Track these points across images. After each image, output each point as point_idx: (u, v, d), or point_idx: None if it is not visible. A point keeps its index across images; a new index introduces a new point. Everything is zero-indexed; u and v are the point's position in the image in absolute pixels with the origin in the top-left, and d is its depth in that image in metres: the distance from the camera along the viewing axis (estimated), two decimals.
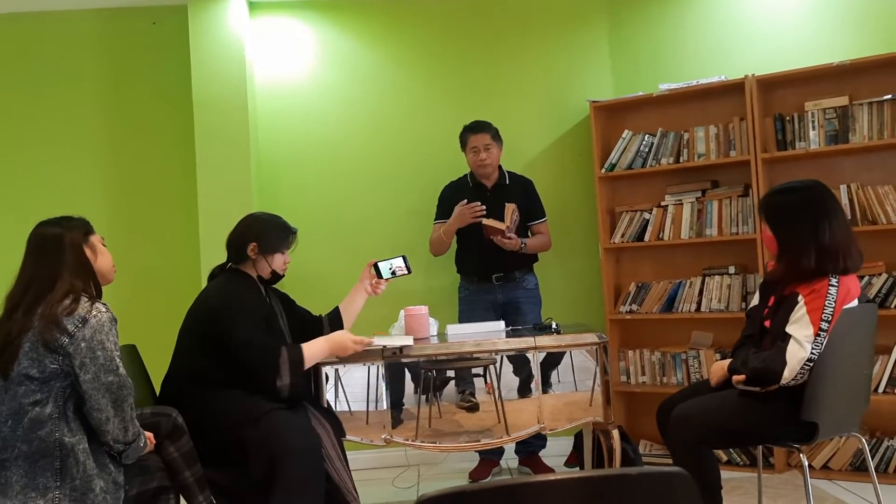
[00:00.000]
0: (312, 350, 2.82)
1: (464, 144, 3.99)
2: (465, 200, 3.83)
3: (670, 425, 2.67)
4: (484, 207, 3.79)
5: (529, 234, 3.98)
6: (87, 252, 2.39)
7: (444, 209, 3.98)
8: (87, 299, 2.27)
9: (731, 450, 3.88)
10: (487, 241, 3.79)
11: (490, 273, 3.94)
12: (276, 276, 3.00)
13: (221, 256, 3.02)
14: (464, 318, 3.94)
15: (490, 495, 1.11)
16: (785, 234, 2.64)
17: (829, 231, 2.56)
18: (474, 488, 1.09)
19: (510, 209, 3.83)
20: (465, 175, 4.06)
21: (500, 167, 4.02)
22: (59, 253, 2.33)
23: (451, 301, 4.12)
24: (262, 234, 2.93)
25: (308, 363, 2.80)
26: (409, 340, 3.01)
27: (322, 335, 2.95)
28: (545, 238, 4.04)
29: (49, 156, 4.42)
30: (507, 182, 3.99)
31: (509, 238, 3.76)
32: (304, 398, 2.90)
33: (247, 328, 2.76)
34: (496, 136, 3.95)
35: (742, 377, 2.61)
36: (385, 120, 4.47)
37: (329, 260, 4.34)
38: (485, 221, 3.76)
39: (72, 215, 2.45)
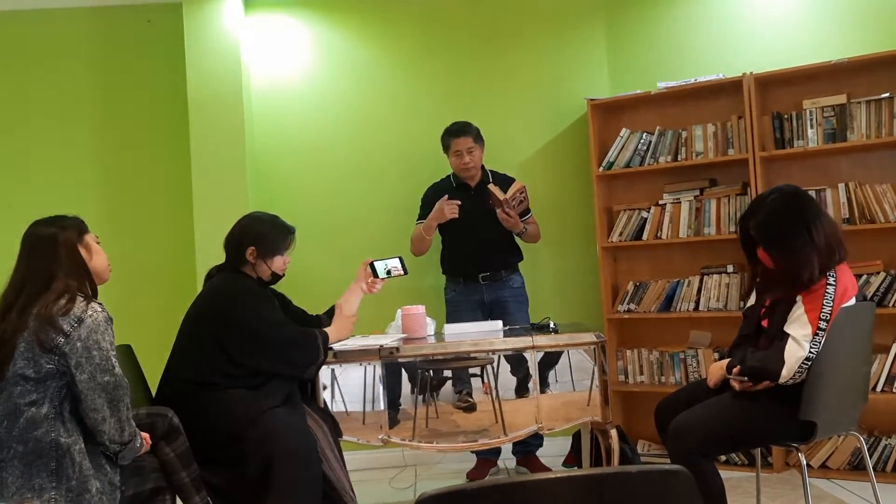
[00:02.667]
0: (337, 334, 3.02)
1: (446, 148, 3.98)
2: (446, 196, 3.84)
3: (669, 439, 2.64)
4: (458, 202, 3.81)
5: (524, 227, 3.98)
6: (82, 251, 2.38)
7: (426, 210, 3.97)
8: (82, 299, 2.26)
9: None
10: (478, 238, 3.85)
11: (476, 273, 3.94)
12: (277, 277, 2.99)
13: (217, 256, 3.00)
14: (451, 318, 3.92)
15: (490, 494, 1.10)
16: (785, 254, 2.59)
17: (822, 230, 2.55)
18: (474, 487, 1.08)
19: (517, 186, 3.80)
20: (449, 176, 4.06)
21: (482, 166, 4.02)
22: (53, 252, 2.32)
23: (440, 300, 4.11)
24: (261, 236, 2.91)
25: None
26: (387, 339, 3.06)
27: None
28: (537, 228, 4.05)
29: (43, 154, 4.41)
30: (491, 181, 3.97)
31: (509, 214, 3.76)
32: (302, 398, 2.90)
33: (274, 312, 2.88)
34: (478, 138, 3.95)
35: (739, 368, 2.60)
36: (380, 118, 4.46)
37: (324, 259, 4.32)
38: (490, 186, 3.78)
39: (66, 214, 2.44)
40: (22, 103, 4.42)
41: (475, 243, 3.89)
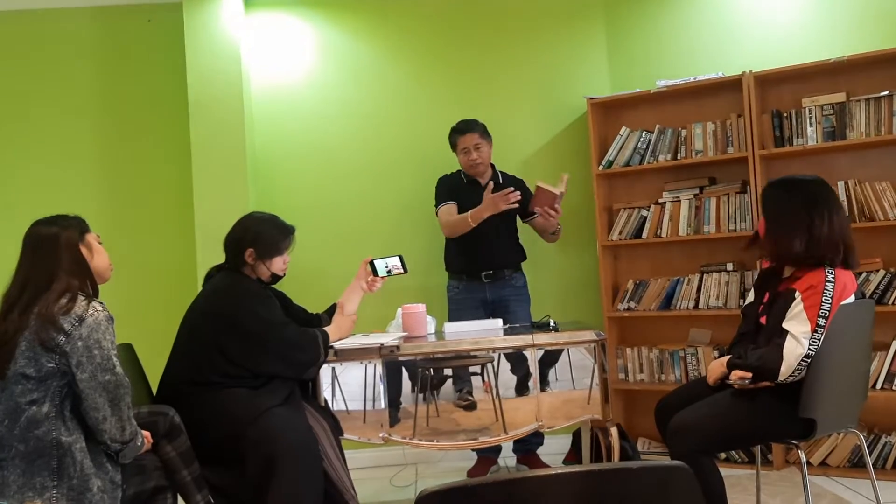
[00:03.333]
0: (337, 333, 3.05)
1: (453, 146, 3.97)
2: (491, 186, 3.67)
3: (669, 437, 2.64)
4: (519, 194, 3.62)
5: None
6: (84, 251, 2.38)
7: (446, 195, 3.92)
8: (83, 298, 2.26)
9: None
10: (483, 236, 3.78)
11: (479, 271, 3.93)
12: (276, 278, 2.99)
13: (217, 256, 3.00)
14: (453, 316, 3.92)
15: (491, 490, 1.10)
16: (774, 217, 2.65)
17: (830, 221, 2.56)
18: (475, 483, 1.08)
19: (565, 177, 3.64)
20: (459, 171, 4.05)
21: (492, 166, 4.01)
22: (55, 252, 2.32)
23: (442, 299, 4.11)
24: (259, 237, 2.90)
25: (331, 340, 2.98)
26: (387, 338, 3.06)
27: None
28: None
29: (44, 155, 4.41)
30: (501, 181, 3.96)
31: (556, 210, 3.62)
32: (303, 397, 2.90)
33: (273, 313, 2.86)
34: (484, 134, 3.93)
35: (746, 374, 2.59)
36: (381, 117, 4.46)
37: (325, 258, 4.33)
38: (539, 183, 3.58)
39: (67, 214, 2.44)
40: (23, 103, 4.42)
41: (479, 241, 3.86)
